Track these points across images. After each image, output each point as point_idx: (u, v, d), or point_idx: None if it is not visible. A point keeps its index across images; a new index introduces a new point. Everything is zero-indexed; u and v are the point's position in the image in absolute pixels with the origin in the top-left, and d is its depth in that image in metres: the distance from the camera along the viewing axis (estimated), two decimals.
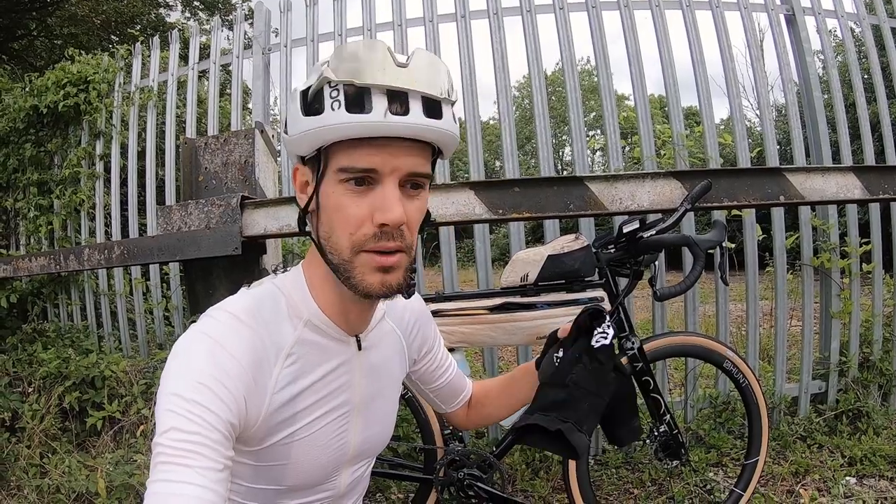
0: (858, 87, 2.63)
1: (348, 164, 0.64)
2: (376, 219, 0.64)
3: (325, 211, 0.67)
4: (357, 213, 0.64)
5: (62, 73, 3.23)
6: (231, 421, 0.61)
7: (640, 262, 1.68)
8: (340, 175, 0.64)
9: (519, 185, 1.80)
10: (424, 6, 2.61)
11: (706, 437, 2.34)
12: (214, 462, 0.57)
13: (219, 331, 0.65)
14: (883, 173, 1.84)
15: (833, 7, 2.67)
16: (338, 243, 0.66)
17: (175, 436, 0.56)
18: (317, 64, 0.66)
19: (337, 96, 0.62)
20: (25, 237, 3.43)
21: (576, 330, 0.86)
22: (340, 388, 0.75)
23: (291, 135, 0.67)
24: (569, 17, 2.53)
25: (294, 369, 0.70)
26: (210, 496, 0.55)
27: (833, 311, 2.49)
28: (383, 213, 0.63)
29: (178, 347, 0.64)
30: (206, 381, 0.60)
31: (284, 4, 2.82)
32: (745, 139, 2.53)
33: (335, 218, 0.66)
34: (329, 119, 0.62)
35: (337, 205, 0.65)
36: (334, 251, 0.67)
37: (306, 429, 0.72)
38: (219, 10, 10.56)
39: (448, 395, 1.01)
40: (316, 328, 0.72)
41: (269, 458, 0.71)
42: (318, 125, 0.63)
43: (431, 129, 0.64)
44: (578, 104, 2.51)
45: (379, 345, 0.81)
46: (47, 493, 1.93)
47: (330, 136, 0.63)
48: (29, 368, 2.58)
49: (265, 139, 2.21)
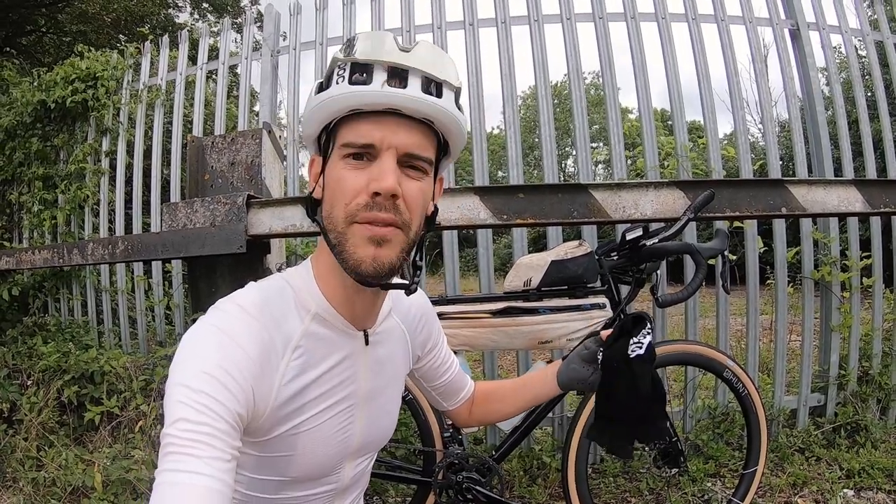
0: (861, 103, 2.65)
1: (350, 139, 0.67)
2: (371, 187, 0.65)
3: (328, 188, 0.70)
4: (354, 184, 0.66)
5: (71, 68, 3.25)
6: (239, 412, 0.61)
7: (643, 269, 1.69)
8: (343, 151, 0.68)
9: (523, 192, 1.81)
10: (433, 13, 2.64)
11: (705, 447, 2.34)
12: (222, 452, 0.58)
13: (228, 323, 0.66)
14: (884, 187, 1.85)
15: (837, 23, 2.70)
16: (336, 217, 0.68)
17: (184, 426, 0.57)
18: None
19: (342, 73, 0.66)
20: (29, 231, 3.43)
21: (618, 331, 0.91)
22: (346, 380, 0.76)
23: (305, 119, 0.71)
24: (576, 28, 2.56)
25: (301, 362, 0.70)
26: (218, 486, 0.56)
27: (833, 325, 2.50)
28: (377, 182, 0.65)
29: (187, 339, 0.65)
30: (214, 371, 0.60)
31: (294, 7, 2.85)
32: (748, 152, 2.55)
33: (335, 191, 0.68)
34: (332, 92, 0.66)
35: (337, 178, 0.68)
36: (332, 226, 0.69)
37: (312, 420, 0.72)
38: (228, 12, 10.64)
39: (450, 393, 1.02)
40: (323, 321, 0.73)
41: (274, 448, 0.71)
42: (323, 98, 0.67)
43: (428, 103, 0.66)
44: (583, 113, 2.53)
45: (385, 340, 0.82)
46: (43, 486, 1.92)
47: (333, 106, 0.67)
48: (28, 361, 2.58)
49: (272, 140, 2.23)
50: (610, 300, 1.72)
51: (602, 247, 1.80)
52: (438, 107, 0.67)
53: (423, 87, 0.66)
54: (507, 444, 1.75)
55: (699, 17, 2.57)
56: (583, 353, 0.95)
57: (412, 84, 0.65)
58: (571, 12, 2.56)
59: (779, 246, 2.49)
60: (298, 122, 2.74)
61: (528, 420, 1.74)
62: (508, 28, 2.60)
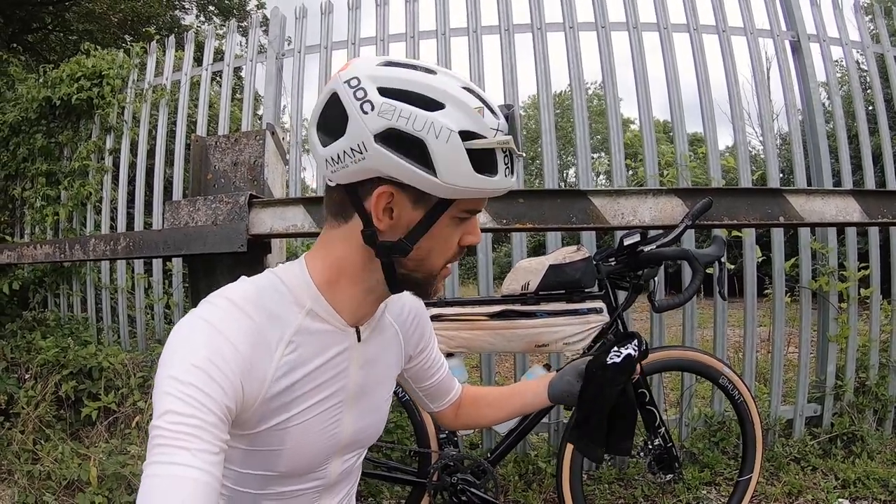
0: (861, 115, 2.67)
1: (472, 207, 0.70)
2: (466, 241, 0.73)
3: (432, 239, 0.70)
4: (454, 239, 0.72)
5: (77, 66, 3.28)
6: (227, 404, 0.62)
7: (640, 275, 1.71)
8: (460, 214, 0.70)
9: (523, 197, 1.82)
10: (437, 20, 2.67)
11: (700, 455, 2.34)
12: (211, 445, 0.58)
13: (217, 316, 0.66)
14: (882, 197, 1.86)
15: (838, 35, 2.73)
16: (432, 265, 0.72)
17: (172, 419, 0.57)
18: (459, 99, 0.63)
19: (508, 163, 0.67)
20: (31, 226, 3.44)
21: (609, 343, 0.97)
22: (336, 376, 0.76)
23: (448, 183, 0.63)
24: (578, 37, 2.59)
25: (293, 357, 0.71)
26: (206, 478, 0.56)
27: (830, 335, 2.51)
28: (473, 237, 0.74)
29: (176, 332, 0.65)
30: (203, 364, 0.61)
31: (300, 11, 2.88)
32: (748, 162, 2.57)
33: (440, 247, 0.71)
34: (502, 184, 0.66)
35: (447, 236, 0.71)
36: (423, 271, 0.72)
37: (301, 416, 0.73)
38: (234, 15, 10.71)
39: (436, 395, 1.02)
40: (317, 317, 0.73)
41: (261, 442, 0.72)
42: (492, 187, 0.66)
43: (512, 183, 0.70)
44: (585, 121, 2.55)
45: (377, 337, 0.83)
46: (38, 479, 1.92)
47: (490, 192, 0.67)
48: (27, 355, 2.58)
49: (276, 141, 2.25)
50: (607, 305, 1.73)
51: (600, 252, 1.81)
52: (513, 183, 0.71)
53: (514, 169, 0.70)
54: (503, 447, 1.75)
55: (700, 27, 2.60)
56: (580, 367, 0.96)
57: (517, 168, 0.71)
58: (574, 21, 2.59)
59: (776, 256, 2.50)
60: (302, 124, 2.76)
61: (523, 423, 1.75)
62: (512, 36, 2.62)
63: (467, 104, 0.63)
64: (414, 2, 2.72)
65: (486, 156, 0.64)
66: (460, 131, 0.62)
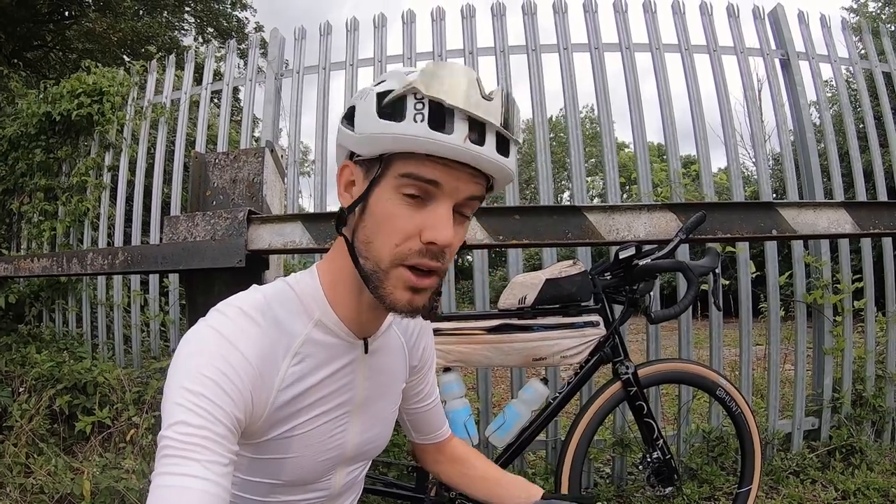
0: (851, 131, 2.72)
1: (414, 171, 0.63)
2: (426, 236, 0.64)
3: (371, 216, 0.66)
4: (406, 226, 0.64)
5: (77, 82, 3.32)
6: (237, 415, 0.62)
7: (636, 289, 1.72)
8: (401, 181, 0.64)
9: (519, 213, 1.84)
10: (434, 42, 2.71)
11: (699, 470, 2.33)
12: (220, 456, 0.58)
13: (227, 326, 0.66)
14: (873, 209, 1.89)
15: (826, 52, 2.80)
16: (378, 251, 0.66)
17: (182, 429, 0.57)
18: (396, 70, 0.66)
19: (422, 109, 0.61)
20: (28, 241, 3.44)
21: None
22: (343, 387, 0.77)
23: (359, 133, 0.65)
24: (572, 57, 2.65)
25: (301, 367, 0.71)
26: (215, 489, 0.56)
27: (826, 348, 2.52)
28: (435, 232, 0.63)
29: (186, 341, 0.65)
30: (213, 375, 0.61)
31: (299, 32, 2.93)
32: (740, 178, 2.61)
33: (383, 225, 0.65)
34: (409, 129, 0.61)
35: (388, 213, 0.65)
36: (371, 258, 0.67)
37: (306, 425, 0.73)
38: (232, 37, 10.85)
39: (419, 425, 1.00)
40: (325, 328, 0.73)
41: (267, 451, 0.72)
42: (398, 132, 0.62)
43: (499, 165, 0.65)
44: (579, 141, 2.59)
45: (384, 350, 0.83)
46: (30, 493, 1.90)
47: (407, 145, 0.62)
48: (21, 369, 2.57)
49: (275, 158, 2.27)
50: (603, 319, 1.74)
51: (596, 266, 1.83)
52: (507, 170, 0.66)
53: (497, 146, 0.64)
54: (500, 462, 1.74)
55: (692, 47, 2.66)
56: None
57: (489, 141, 0.63)
58: (568, 42, 2.65)
59: (771, 270, 2.53)
60: (300, 144, 2.79)
61: (521, 437, 1.75)
62: (507, 57, 2.68)
63: (404, 74, 0.65)
64: (412, 24, 2.78)
65: (396, 102, 0.63)
66: (380, 92, 0.65)
